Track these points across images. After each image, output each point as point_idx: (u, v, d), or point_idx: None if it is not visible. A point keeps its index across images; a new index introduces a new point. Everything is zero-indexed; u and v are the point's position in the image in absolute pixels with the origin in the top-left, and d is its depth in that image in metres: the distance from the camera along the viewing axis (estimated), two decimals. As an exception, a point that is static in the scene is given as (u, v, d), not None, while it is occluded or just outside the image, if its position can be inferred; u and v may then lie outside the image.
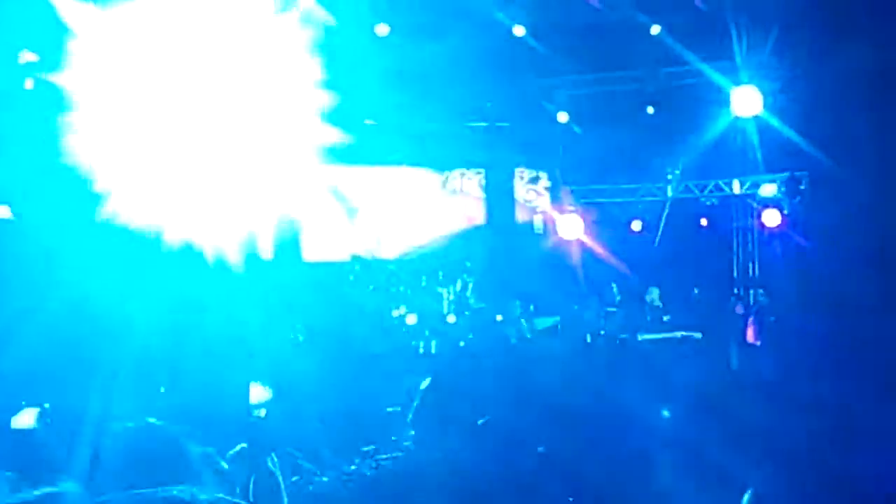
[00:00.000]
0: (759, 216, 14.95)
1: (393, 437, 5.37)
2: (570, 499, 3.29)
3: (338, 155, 15.88)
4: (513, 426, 3.77)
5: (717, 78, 14.00)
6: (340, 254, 15.43)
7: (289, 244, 13.21)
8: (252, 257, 7.82)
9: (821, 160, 13.06)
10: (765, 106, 13.67)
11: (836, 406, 3.19)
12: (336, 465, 5.02)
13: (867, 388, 3.20)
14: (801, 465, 2.87)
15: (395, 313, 13.53)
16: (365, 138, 16.37)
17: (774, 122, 13.74)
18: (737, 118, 14.00)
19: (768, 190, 14.74)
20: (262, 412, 8.19)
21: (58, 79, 7.25)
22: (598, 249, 15.89)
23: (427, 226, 16.71)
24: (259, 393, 8.40)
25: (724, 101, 13.86)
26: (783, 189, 14.57)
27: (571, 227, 15.85)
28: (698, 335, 13.73)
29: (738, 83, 13.67)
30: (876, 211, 8.63)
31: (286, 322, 13.11)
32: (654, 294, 13.98)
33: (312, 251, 16.42)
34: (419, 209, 16.72)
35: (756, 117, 13.91)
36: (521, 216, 17.05)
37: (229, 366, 7.55)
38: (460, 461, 3.33)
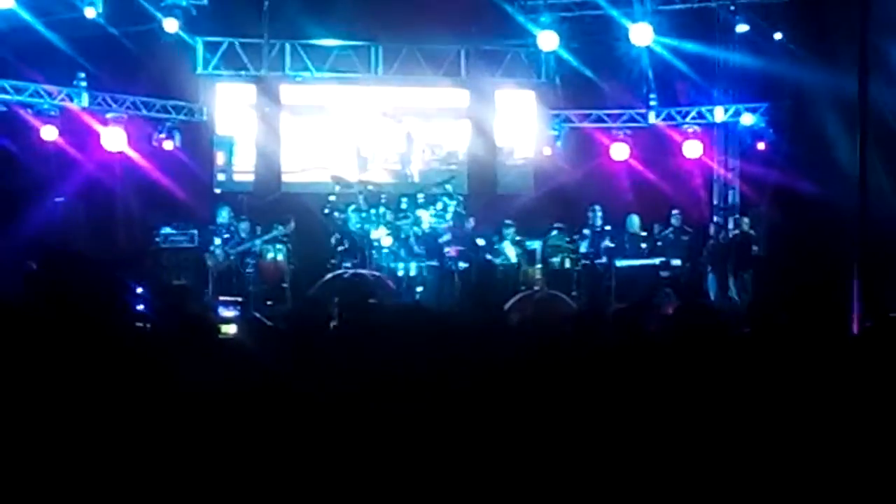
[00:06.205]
0: (750, 145, 14.86)
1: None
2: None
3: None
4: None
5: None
6: (321, 175, 15.31)
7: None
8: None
9: (803, 89, 13.02)
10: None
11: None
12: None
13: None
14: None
15: (375, 235, 13.44)
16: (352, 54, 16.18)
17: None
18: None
19: (748, 119, 14.64)
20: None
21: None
22: (580, 174, 15.83)
23: (410, 147, 16.54)
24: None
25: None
26: (765, 118, 14.49)
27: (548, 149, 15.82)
28: (677, 262, 13.73)
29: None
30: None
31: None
32: (635, 222, 13.96)
33: (293, 173, 16.27)
34: (402, 130, 16.52)
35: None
36: (503, 139, 16.84)
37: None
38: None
